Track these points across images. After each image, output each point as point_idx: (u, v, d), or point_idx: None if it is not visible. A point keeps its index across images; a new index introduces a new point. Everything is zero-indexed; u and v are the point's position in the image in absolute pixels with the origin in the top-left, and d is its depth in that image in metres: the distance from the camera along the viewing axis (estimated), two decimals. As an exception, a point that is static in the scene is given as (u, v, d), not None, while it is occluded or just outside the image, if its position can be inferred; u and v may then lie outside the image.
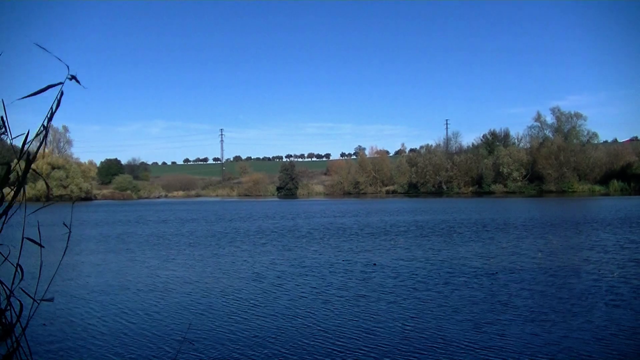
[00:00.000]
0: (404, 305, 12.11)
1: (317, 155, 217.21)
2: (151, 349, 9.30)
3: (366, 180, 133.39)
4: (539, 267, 16.81)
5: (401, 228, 31.73)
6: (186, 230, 33.49)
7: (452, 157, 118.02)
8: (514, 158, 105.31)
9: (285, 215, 47.01)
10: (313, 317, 11.22)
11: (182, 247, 24.37)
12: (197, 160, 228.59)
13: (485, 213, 44.68)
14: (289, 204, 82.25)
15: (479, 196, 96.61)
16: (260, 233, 30.29)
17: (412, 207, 60.28)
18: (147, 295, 13.69)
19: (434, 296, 12.92)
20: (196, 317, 11.36)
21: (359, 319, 10.97)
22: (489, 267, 17.00)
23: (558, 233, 27.10)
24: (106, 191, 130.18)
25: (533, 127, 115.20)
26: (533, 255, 19.46)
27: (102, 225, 38.50)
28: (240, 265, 18.55)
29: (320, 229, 32.02)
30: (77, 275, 16.93)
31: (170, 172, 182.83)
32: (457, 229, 30.52)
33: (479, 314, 11.12)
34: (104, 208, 73.56)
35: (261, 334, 10.07)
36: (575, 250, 20.72)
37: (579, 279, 14.70)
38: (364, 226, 33.71)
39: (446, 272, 16.23)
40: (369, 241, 25.29)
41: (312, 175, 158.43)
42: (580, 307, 11.51)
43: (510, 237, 25.82)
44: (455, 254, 20.28)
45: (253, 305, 12.37)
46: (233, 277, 16.12)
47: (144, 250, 23.21)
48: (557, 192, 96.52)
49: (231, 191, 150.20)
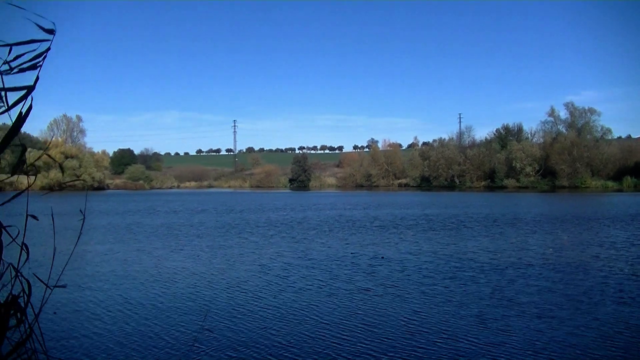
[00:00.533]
0: (408, 299, 12.04)
1: (330, 148, 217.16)
2: (165, 341, 9.27)
3: (378, 173, 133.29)
4: (548, 262, 16.68)
5: (411, 221, 31.63)
6: (196, 220, 33.54)
7: (464, 151, 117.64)
8: (527, 153, 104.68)
9: (295, 208, 47.02)
10: (317, 310, 11.16)
11: (190, 238, 24.37)
12: (209, 151, 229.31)
13: (496, 208, 44.43)
14: (300, 196, 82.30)
15: (491, 191, 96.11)
16: (269, 225, 30.31)
17: (424, 200, 60.16)
18: (153, 285, 13.69)
19: (439, 290, 12.83)
20: (202, 307, 11.31)
21: (362, 313, 10.90)
22: (497, 262, 16.89)
23: (569, 229, 26.90)
24: (119, 181, 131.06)
25: (546, 122, 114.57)
26: (543, 250, 19.31)
27: (112, 215, 38.67)
28: (247, 257, 18.53)
29: (329, 222, 31.96)
30: (84, 264, 16.98)
31: (182, 163, 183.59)
32: (467, 223, 30.38)
33: (485, 309, 11.03)
34: (115, 198, 73.93)
35: (266, 324, 10.03)
36: (585, 246, 20.54)
37: (587, 275, 14.57)
38: (373, 219, 33.63)
39: (453, 266, 16.15)
40: (377, 234, 25.19)
41: (324, 167, 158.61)
42: (587, 305, 11.38)
43: (520, 232, 25.64)
44: (464, 248, 20.18)
45: (257, 297, 12.34)
46: (240, 269, 16.10)
47: (151, 241, 23.23)
48: (570, 187, 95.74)
49: (243, 182, 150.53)
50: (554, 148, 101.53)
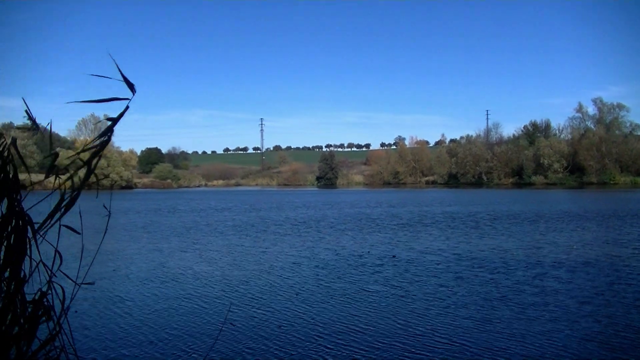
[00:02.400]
0: (410, 300, 11.64)
1: (357, 145, 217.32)
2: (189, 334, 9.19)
3: (406, 170, 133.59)
4: (571, 260, 16.23)
5: (430, 220, 31.38)
6: (214, 219, 33.63)
7: (492, 148, 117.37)
8: (555, 149, 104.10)
9: (316, 206, 47.22)
10: (312, 312, 10.82)
11: (205, 236, 24.35)
12: (236, 150, 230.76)
13: (524, 205, 43.98)
14: (326, 193, 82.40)
15: (519, 187, 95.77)
16: (286, 224, 30.29)
17: (449, 197, 59.87)
18: (166, 284, 13.57)
19: (441, 292, 12.43)
20: (212, 305, 11.10)
21: (363, 313, 10.55)
22: (515, 260, 16.46)
23: (594, 227, 26.45)
24: (146, 180, 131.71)
25: (574, 118, 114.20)
26: (567, 249, 18.84)
27: (131, 214, 39.03)
28: (252, 256, 18.37)
29: (349, 220, 31.82)
30: (105, 261, 16.39)
31: (210, 161, 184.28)
32: (491, 221, 30.09)
33: (490, 311, 10.59)
34: (141, 196, 74.47)
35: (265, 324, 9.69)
36: (610, 245, 19.94)
37: (609, 276, 14.01)
38: (394, 217, 33.38)
39: (463, 266, 15.74)
40: (394, 233, 24.91)
41: (351, 165, 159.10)
42: (606, 308, 10.92)
43: (545, 229, 25.22)
44: (483, 246, 19.78)
45: (254, 297, 12.08)
46: (245, 269, 15.94)
47: (167, 239, 23.20)
48: (598, 183, 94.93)
49: (270, 181, 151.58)
50: (582, 144, 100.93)
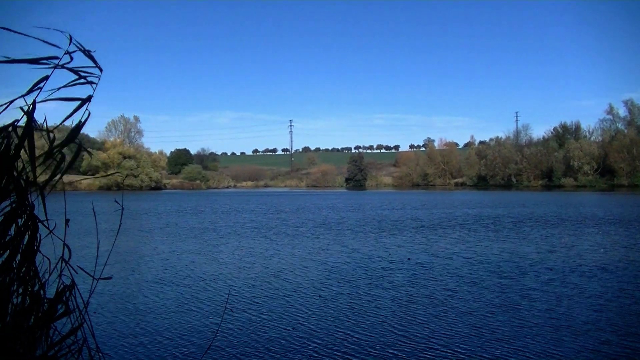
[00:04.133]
0: (411, 307, 11.32)
1: (386, 147, 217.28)
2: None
3: (435, 172, 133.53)
4: (598, 266, 15.72)
5: (453, 222, 31.15)
6: (235, 221, 33.81)
7: (521, 150, 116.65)
8: (585, 151, 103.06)
9: (340, 208, 47.26)
10: (306, 316, 10.61)
11: (219, 237, 24.37)
12: (265, 151, 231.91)
13: (548, 207, 43.31)
14: (353, 195, 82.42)
15: (549, 190, 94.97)
16: (306, 226, 30.29)
17: (476, 200, 59.61)
18: (173, 284, 13.43)
19: (445, 296, 12.11)
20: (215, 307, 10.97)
21: (359, 319, 10.29)
22: (527, 265, 16.01)
23: (616, 231, 25.87)
24: (175, 181, 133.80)
25: (605, 120, 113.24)
26: (595, 253, 18.35)
27: (151, 215, 39.49)
28: (270, 259, 18.30)
29: (369, 222, 31.72)
30: (119, 259, 17.45)
31: (239, 163, 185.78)
32: (514, 224, 29.68)
33: (491, 318, 10.27)
34: (167, 197, 75.10)
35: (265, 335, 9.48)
36: (631, 250, 19.42)
37: (623, 282, 13.55)
38: (414, 219, 33.18)
39: (476, 270, 15.40)
40: (415, 235, 24.62)
41: (380, 166, 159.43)
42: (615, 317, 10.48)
43: (572, 232, 24.78)
44: (497, 250, 19.39)
45: (253, 302, 11.89)
46: (251, 271, 15.79)
47: (182, 240, 23.24)
48: (629, 186, 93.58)
49: (299, 182, 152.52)
50: (612, 146, 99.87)
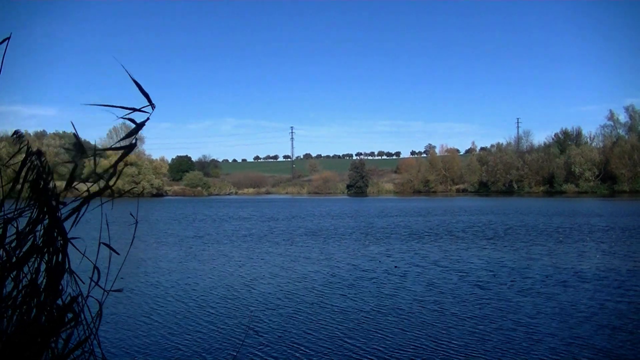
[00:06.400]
0: (385, 320, 11.57)
1: (387, 154, 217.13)
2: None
3: (436, 178, 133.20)
4: (566, 275, 16.00)
5: (444, 230, 31.26)
6: (229, 229, 34.01)
7: (523, 156, 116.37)
8: (586, 157, 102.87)
9: (337, 215, 47.19)
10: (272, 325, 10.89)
11: (207, 245, 24.51)
12: (267, 158, 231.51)
13: (543, 214, 43.38)
14: (353, 202, 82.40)
15: (550, 196, 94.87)
16: (299, 234, 30.44)
17: (475, 206, 59.23)
18: (146, 295, 13.67)
19: (424, 307, 12.34)
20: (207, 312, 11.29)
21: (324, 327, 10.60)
22: (505, 274, 16.31)
23: (608, 240, 26.12)
24: (177, 187, 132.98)
25: (606, 126, 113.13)
26: (569, 264, 18.59)
27: (145, 223, 39.47)
28: (250, 268, 18.51)
29: (358, 231, 31.78)
30: (115, 270, 17.24)
31: (240, 169, 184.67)
32: (505, 232, 29.84)
33: (447, 330, 10.53)
34: (167, 205, 74.92)
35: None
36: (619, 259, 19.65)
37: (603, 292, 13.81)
38: (404, 227, 33.20)
39: (457, 279, 15.62)
40: (407, 243, 24.68)
41: (382, 173, 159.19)
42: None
43: (555, 241, 25.02)
44: (477, 258, 19.56)
45: (231, 316, 12.25)
46: (236, 277, 16.00)
47: (171, 247, 23.32)
48: (631, 192, 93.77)
49: (301, 189, 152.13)
50: (614, 152, 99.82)
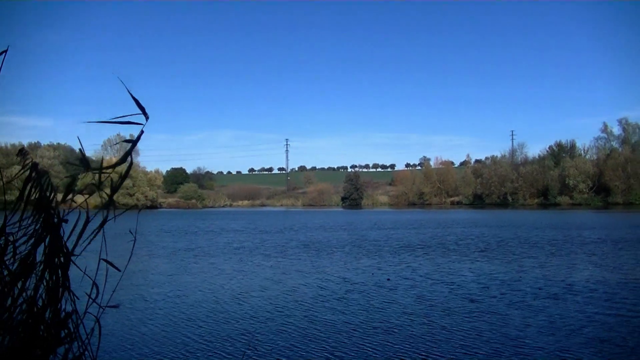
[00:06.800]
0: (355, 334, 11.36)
1: (382, 166, 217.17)
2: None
3: (431, 191, 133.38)
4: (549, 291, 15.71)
5: (435, 243, 31.02)
6: (223, 240, 33.84)
7: (517, 168, 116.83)
8: (581, 170, 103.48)
9: (331, 227, 46.96)
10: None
11: (192, 258, 24.34)
12: (262, 170, 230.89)
13: (533, 226, 43.16)
14: (347, 214, 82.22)
15: (545, 208, 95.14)
16: (288, 247, 30.26)
17: (468, 218, 59.08)
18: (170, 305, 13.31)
19: (408, 320, 12.12)
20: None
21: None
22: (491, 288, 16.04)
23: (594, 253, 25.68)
24: (172, 200, 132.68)
25: (600, 139, 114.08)
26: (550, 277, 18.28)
27: (129, 236, 38.56)
28: (250, 279, 18.34)
29: (351, 243, 31.62)
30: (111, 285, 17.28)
31: (235, 182, 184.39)
32: (497, 244, 29.59)
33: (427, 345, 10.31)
34: (160, 216, 74.36)
35: None
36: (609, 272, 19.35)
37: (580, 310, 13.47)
38: (395, 239, 32.89)
39: (446, 292, 15.43)
40: (397, 255, 24.48)
41: (376, 185, 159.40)
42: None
43: (544, 255, 24.65)
44: (457, 271, 19.35)
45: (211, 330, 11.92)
46: (225, 292, 15.86)
47: (159, 258, 23.14)
48: (624, 204, 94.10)
49: (296, 201, 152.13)
50: (607, 164, 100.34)
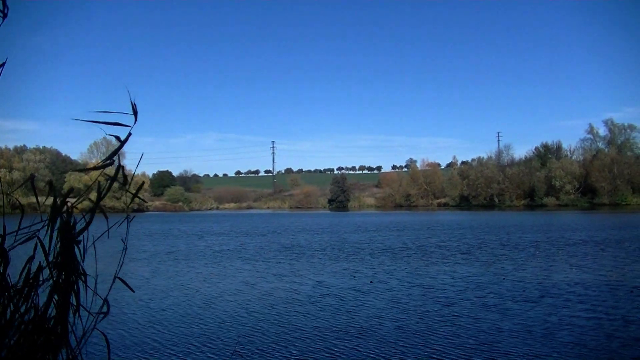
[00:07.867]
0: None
1: (369, 168, 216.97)
2: None
3: (417, 192, 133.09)
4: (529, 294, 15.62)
5: (416, 246, 30.83)
6: (204, 244, 33.63)
7: (504, 170, 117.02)
8: (567, 171, 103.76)
9: (313, 229, 46.73)
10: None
11: (171, 262, 24.15)
12: (248, 173, 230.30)
13: (531, 230, 43.22)
14: (332, 216, 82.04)
15: (531, 209, 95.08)
16: (272, 250, 30.12)
17: (450, 220, 59.06)
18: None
19: (390, 323, 11.90)
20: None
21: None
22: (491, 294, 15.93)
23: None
24: (158, 203, 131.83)
25: (586, 140, 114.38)
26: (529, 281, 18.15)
27: (115, 239, 38.21)
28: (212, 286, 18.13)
29: (331, 246, 31.44)
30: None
31: (221, 184, 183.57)
32: (479, 248, 29.49)
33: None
34: (145, 219, 73.50)
35: None
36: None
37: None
38: (372, 242, 32.74)
39: (426, 295, 15.21)
40: (377, 258, 24.33)
41: (363, 187, 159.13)
42: None
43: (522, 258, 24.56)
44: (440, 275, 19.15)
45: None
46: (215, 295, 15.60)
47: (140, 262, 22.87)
48: (610, 205, 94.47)
49: (282, 203, 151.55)
50: (593, 165, 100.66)
